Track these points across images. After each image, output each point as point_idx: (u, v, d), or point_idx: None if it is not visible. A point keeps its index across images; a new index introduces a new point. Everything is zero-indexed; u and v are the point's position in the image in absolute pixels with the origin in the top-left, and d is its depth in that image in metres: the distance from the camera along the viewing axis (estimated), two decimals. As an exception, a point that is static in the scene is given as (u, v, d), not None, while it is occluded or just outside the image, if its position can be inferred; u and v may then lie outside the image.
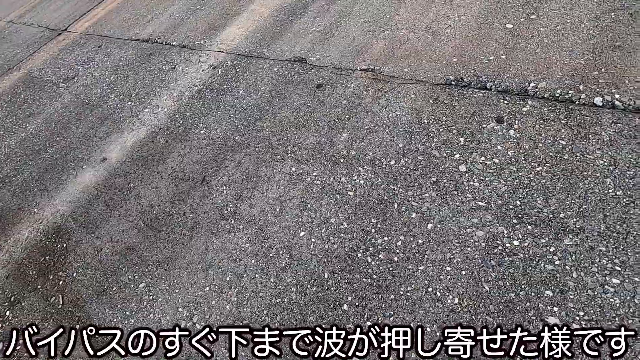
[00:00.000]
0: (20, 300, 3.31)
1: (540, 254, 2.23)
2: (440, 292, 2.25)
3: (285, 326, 2.38)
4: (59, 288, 3.25)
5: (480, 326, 2.03)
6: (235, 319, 2.53)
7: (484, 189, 2.61)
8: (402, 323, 2.19)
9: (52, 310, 3.12)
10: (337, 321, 2.30)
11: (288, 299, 2.51)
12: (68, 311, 3.05)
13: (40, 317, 3.11)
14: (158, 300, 2.84)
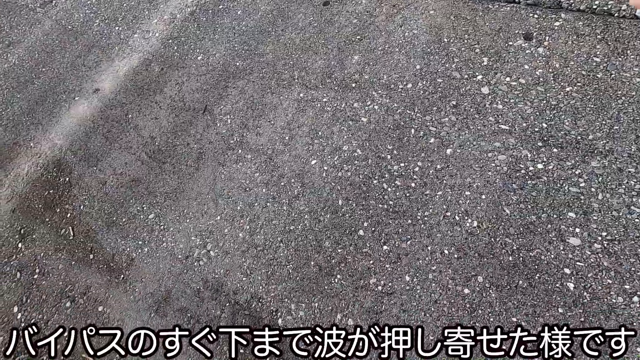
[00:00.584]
0: (30, 233, 3.30)
1: (565, 176, 2.15)
2: (459, 216, 2.21)
3: (300, 252, 2.38)
4: (67, 220, 3.22)
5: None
6: (249, 246, 2.53)
7: (508, 111, 2.45)
8: (419, 247, 2.18)
9: (64, 242, 3.12)
10: (353, 246, 2.29)
11: (302, 226, 2.48)
12: (80, 242, 3.05)
13: (53, 248, 3.12)
14: (169, 230, 2.83)
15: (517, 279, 1.95)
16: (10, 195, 3.65)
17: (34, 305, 2.90)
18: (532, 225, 2.07)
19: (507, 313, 1.88)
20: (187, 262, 2.63)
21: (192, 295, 2.49)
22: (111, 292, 2.72)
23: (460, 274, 2.04)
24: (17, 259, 3.21)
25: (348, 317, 2.11)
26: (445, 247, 2.13)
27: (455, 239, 2.14)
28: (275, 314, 2.25)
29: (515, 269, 1.98)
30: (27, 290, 3.00)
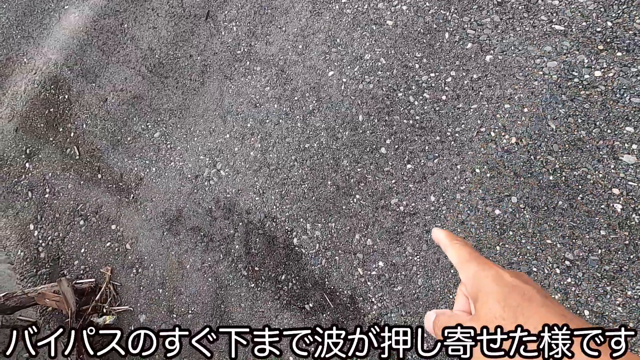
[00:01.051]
0: (36, 153, 3.20)
1: (627, 85, 1.83)
2: (495, 132, 1.96)
3: (316, 171, 2.22)
4: (71, 140, 3.08)
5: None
6: (261, 165, 2.37)
7: (566, 8, 2.04)
8: (447, 166, 1.98)
9: (70, 162, 3.02)
10: (374, 164, 2.11)
11: (318, 144, 2.28)
12: (87, 162, 2.94)
13: (61, 168, 3.04)
14: (177, 148, 2.66)
15: (557, 200, 1.76)
16: (10, 114, 3.48)
17: (48, 223, 2.90)
18: (580, 142, 1.82)
19: (541, 235, 1.74)
20: (197, 182, 2.51)
21: (204, 214, 2.41)
22: (122, 211, 2.67)
23: (491, 195, 1.86)
24: (26, 178, 3.16)
25: (367, 237, 2.00)
26: (477, 165, 1.93)
27: (488, 157, 1.92)
28: (290, 234, 2.17)
29: (556, 189, 1.78)
30: (40, 209, 2.98)
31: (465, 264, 0.44)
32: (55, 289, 2.36)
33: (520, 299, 0.37)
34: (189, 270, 2.32)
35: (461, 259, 0.46)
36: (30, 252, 2.87)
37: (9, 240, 3.00)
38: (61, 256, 2.74)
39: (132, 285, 2.43)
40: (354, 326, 1.90)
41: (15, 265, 2.89)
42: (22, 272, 2.83)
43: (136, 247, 2.52)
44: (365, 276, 1.94)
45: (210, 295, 2.22)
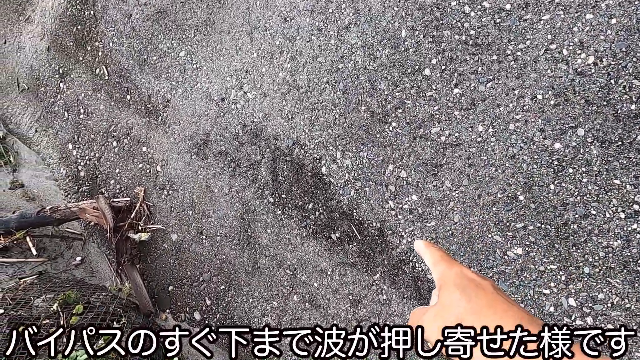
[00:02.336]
0: (68, 73, 3.18)
1: None
2: (569, 49, 1.62)
3: (350, 94, 2.01)
4: (100, 59, 3.00)
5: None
6: (290, 87, 2.18)
7: None
8: (502, 90, 1.69)
9: (100, 82, 2.97)
10: (415, 88, 1.86)
11: (353, 64, 2.03)
12: (115, 82, 2.88)
13: (92, 89, 3.01)
14: (202, 69, 2.51)
15: (636, 133, 1.47)
16: (42, 32, 3.42)
17: (85, 144, 2.97)
18: (680, 62, 1.46)
19: (608, 174, 1.49)
20: (224, 105, 2.39)
21: (231, 139, 2.33)
22: (152, 134, 2.65)
23: (553, 126, 1.60)
24: (61, 99, 3.18)
25: (401, 169, 1.84)
26: (540, 91, 1.63)
27: (556, 81, 1.61)
28: (318, 162, 2.05)
29: (637, 121, 1.48)
30: (76, 129, 3.04)
31: (436, 264, 0.51)
32: (94, 205, 2.47)
33: (476, 288, 0.44)
34: (217, 195, 2.31)
35: (434, 260, 0.52)
36: (71, 171, 2.99)
37: (51, 158, 3.13)
38: (98, 175, 2.84)
39: (164, 206, 2.49)
40: (381, 259, 1.84)
41: (59, 182, 3.05)
42: (65, 189, 2.99)
43: (166, 169, 2.53)
44: (396, 209, 1.83)
45: (238, 220, 2.23)
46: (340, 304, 1.91)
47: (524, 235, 1.57)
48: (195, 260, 2.32)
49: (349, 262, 1.90)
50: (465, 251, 1.65)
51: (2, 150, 3.24)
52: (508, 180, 1.63)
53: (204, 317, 2.25)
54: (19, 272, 2.53)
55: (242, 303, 2.15)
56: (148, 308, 2.30)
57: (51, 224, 2.60)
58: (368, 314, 1.83)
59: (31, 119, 3.33)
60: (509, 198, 1.62)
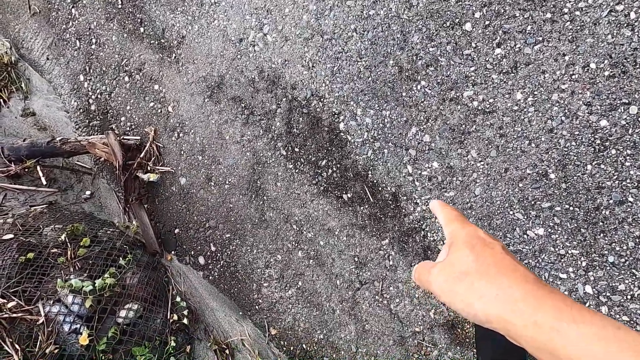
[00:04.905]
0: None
1: None
2: (638, 12, 1.40)
3: (378, 46, 1.83)
4: (113, -15, 2.80)
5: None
6: (314, 32, 2.00)
7: None
8: (551, 55, 1.51)
9: (113, 10, 2.79)
10: (452, 44, 1.67)
11: (385, 12, 1.83)
12: (129, 12, 2.71)
13: (104, 18, 2.84)
14: (221, 4, 2.32)
15: (698, 117, 1.31)
16: (53, -50, 3.18)
17: (96, 76, 2.86)
18: None
19: (655, 159, 1.36)
20: (241, 46, 2.23)
21: (246, 84, 2.20)
22: (164, 72, 2.52)
23: (603, 100, 1.43)
24: (73, 26, 3.03)
25: (425, 132, 1.72)
26: (595, 58, 1.45)
27: (615, 48, 1.42)
28: (337, 117, 1.93)
29: (701, 103, 1.31)
30: (88, 60, 2.92)
31: (449, 223, 0.51)
32: (104, 141, 2.42)
33: (485, 247, 0.44)
34: (228, 142, 2.23)
35: (447, 219, 0.52)
36: (83, 103, 2.92)
37: (63, 88, 3.05)
38: (109, 110, 2.77)
39: (174, 148, 2.43)
40: (392, 224, 1.77)
41: (70, 114, 2.99)
42: (76, 122, 2.94)
43: (178, 110, 2.44)
44: (414, 175, 1.73)
45: (248, 170, 2.16)
46: (344, 265, 1.88)
47: (548, 215, 1.47)
48: (202, 206, 2.30)
49: (358, 224, 1.85)
50: (483, 225, 1.57)
51: (14, 76, 3.16)
52: (541, 156, 1.50)
53: (207, 263, 2.27)
54: (30, 200, 2.56)
55: (247, 253, 2.15)
56: (154, 248, 2.33)
57: (61, 155, 2.58)
58: (372, 278, 1.81)
59: (43, 45, 3.21)
60: (538, 175, 1.50)
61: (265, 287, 2.07)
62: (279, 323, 2.04)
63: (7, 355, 1.64)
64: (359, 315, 1.83)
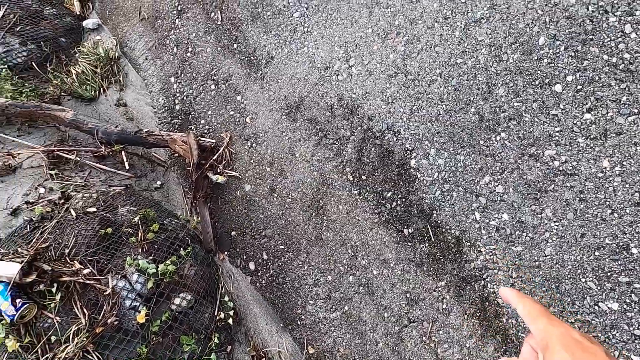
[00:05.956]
0: (185, 11, 3.35)
1: None
2: None
3: (461, 93, 1.90)
4: (217, 4, 3.12)
5: None
6: (399, 71, 2.11)
7: None
8: (645, 128, 1.49)
9: (212, 26, 3.10)
10: (539, 102, 1.70)
11: (474, 62, 1.90)
12: (226, 29, 3.00)
13: (203, 31, 3.16)
14: (313, 33, 2.51)
15: None
16: (170, -33, 3.62)
17: (186, 80, 3.16)
18: None
19: None
20: (325, 74, 2.38)
21: (325, 109, 2.33)
22: (249, 86, 2.74)
23: (699, 182, 1.39)
24: (174, 34, 3.39)
25: (498, 183, 1.73)
26: (695, 139, 1.41)
27: None
28: (409, 153, 1.99)
29: None
30: (181, 65, 3.23)
31: (536, 318, 0.49)
32: (184, 139, 2.64)
33: (587, 354, 0.41)
34: (298, 159, 2.36)
35: (532, 314, 0.50)
36: (169, 102, 3.21)
37: (154, 86, 3.38)
38: (191, 112, 3.02)
39: (245, 156, 2.60)
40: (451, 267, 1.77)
41: (156, 109, 3.29)
42: (160, 117, 3.23)
43: (255, 122, 2.62)
44: (481, 223, 1.73)
45: (312, 188, 2.26)
46: (395, 298, 1.89)
47: (625, 291, 1.42)
48: (262, 214, 2.42)
49: (416, 260, 1.86)
50: (549, 287, 1.54)
51: (115, 69, 3.55)
52: (623, 228, 1.46)
53: (257, 269, 2.36)
54: (109, 180, 2.82)
55: (297, 267, 2.21)
56: (210, 245, 2.46)
57: (144, 145, 2.84)
58: (422, 317, 1.80)
59: (144, 46, 3.60)
60: (618, 247, 1.46)
61: (310, 305, 2.11)
62: (318, 343, 2.06)
63: (75, 316, 1.79)
64: (402, 352, 1.81)
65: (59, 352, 1.66)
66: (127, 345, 1.79)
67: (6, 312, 1.67)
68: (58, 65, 3.44)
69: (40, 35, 3.56)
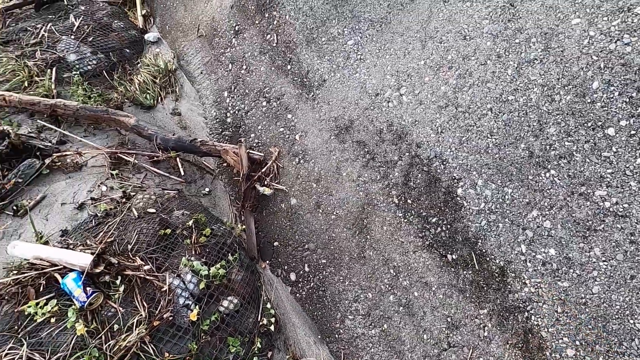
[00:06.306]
0: (242, 32, 3.60)
1: None
2: None
3: (512, 128, 1.98)
4: (273, 27, 3.35)
5: None
6: (449, 103, 2.22)
7: None
8: (700, 177, 1.53)
9: (267, 47, 3.32)
10: (590, 143, 1.77)
11: (525, 100, 1.99)
12: (281, 51, 3.20)
13: (258, 51, 3.38)
14: (366, 61, 2.67)
15: None
16: (230, -9, 3.91)
17: (239, 96, 3.37)
18: None
19: None
20: (376, 100, 2.52)
21: (374, 133, 2.46)
22: (300, 105, 2.91)
23: None
24: (230, 52, 3.63)
25: (546, 218, 1.79)
26: None
27: None
28: (456, 182, 2.07)
29: None
30: (235, 81, 3.45)
31: None
32: (236, 151, 2.82)
33: None
34: (344, 178, 2.48)
35: None
36: (221, 114, 3.43)
37: (207, 99, 3.61)
38: (242, 126, 3.21)
39: (292, 171, 2.74)
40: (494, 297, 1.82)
41: (208, 121, 3.51)
42: (211, 128, 3.44)
43: (304, 140, 2.77)
44: (527, 255, 1.78)
45: (357, 207, 2.37)
46: (435, 322, 1.94)
47: (675, 336, 1.43)
48: (305, 228, 2.54)
49: (459, 286, 1.92)
50: (596, 326, 1.56)
51: (172, 81, 3.82)
52: (675, 273, 1.49)
53: (298, 280, 2.46)
54: (162, 183, 3.02)
55: (338, 282, 2.30)
56: (253, 253, 2.59)
57: (197, 153, 3.03)
58: (462, 343, 1.84)
59: (200, 61, 3.86)
60: (669, 291, 1.48)
61: (349, 320, 2.19)
62: (355, 358, 2.12)
63: (135, 308, 1.94)
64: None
65: (120, 340, 1.80)
66: (179, 341, 1.91)
67: (78, 298, 1.83)
68: (123, 74, 3.74)
69: (109, 45, 3.89)
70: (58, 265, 1.98)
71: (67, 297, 1.91)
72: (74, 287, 1.85)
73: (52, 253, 1.99)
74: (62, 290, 1.92)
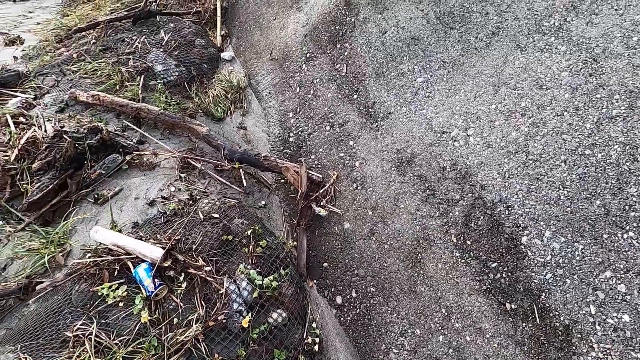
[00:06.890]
0: (313, 59, 3.82)
1: None
2: None
3: (587, 183, 1.93)
4: (343, 58, 3.53)
5: None
6: (519, 149, 2.21)
7: None
8: None
9: (336, 76, 3.50)
10: (678, 210, 1.69)
11: (604, 156, 1.95)
12: (349, 80, 3.36)
13: (327, 78, 3.57)
14: (434, 99, 2.74)
15: None
16: (305, 21, 4.19)
17: (303, 118, 3.54)
18: None
19: None
20: (441, 138, 2.56)
21: (436, 169, 2.49)
22: (363, 134, 3.01)
23: None
24: (299, 76, 3.86)
25: (621, 281, 1.70)
26: None
27: None
28: (521, 230, 2.04)
29: None
30: (301, 103, 3.65)
31: None
32: (297, 169, 2.95)
33: None
34: (402, 210, 2.51)
35: None
36: (284, 133, 3.61)
37: (272, 117, 3.83)
38: (303, 146, 3.36)
39: (349, 196, 2.82)
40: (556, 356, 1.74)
41: (270, 137, 3.71)
42: (273, 145, 3.63)
43: (363, 168, 2.85)
44: (596, 317, 1.70)
45: (412, 241, 2.38)
46: (487, 371, 1.88)
47: None
48: (357, 254, 2.57)
49: (516, 338, 1.85)
50: (674, 407, 1.45)
51: (242, 97, 4.10)
52: None
53: (344, 304, 2.48)
54: (223, 191, 3.20)
55: (385, 313, 2.29)
56: (301, 270, 2.65)
57: (258, 167, 3.20)
58: (516, 399, 1.76)
59: (270, 82, 4.13)
60: None
61: (394, 353, 2.16)
62: (396, 394, 2.08)
63: (193, 306, 2.05)
64: None
65: (178, 334, 1.91)
66: (229, 344, 1.98)
67: (147, 287, 1.97)
68: (199, 87, 4.07)
69: (190, 60, 4.27)
70: (131, 255, 2.15)
71: (136, 285, 2.07)
72: (144, 276, 2.00)
73: (129, 242, 2.17)
74: (132, 278, 2.08)
